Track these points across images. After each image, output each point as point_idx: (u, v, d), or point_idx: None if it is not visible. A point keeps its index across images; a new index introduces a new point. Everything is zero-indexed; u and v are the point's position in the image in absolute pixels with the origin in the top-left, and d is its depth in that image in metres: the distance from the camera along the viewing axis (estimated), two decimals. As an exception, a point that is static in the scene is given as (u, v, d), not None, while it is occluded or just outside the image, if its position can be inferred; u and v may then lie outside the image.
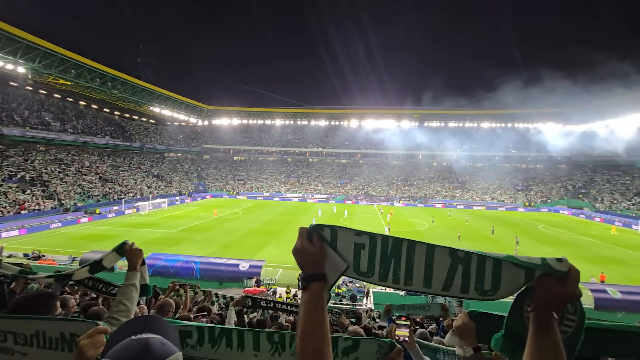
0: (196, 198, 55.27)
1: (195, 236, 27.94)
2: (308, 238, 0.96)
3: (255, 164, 72.58)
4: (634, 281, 18.51)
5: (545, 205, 54.11)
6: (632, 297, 15.18)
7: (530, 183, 61.07)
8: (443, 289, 0.95)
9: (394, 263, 0.97)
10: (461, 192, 60.24)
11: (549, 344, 0.84)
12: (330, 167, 71.96)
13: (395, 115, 69.49)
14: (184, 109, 64.58)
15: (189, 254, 20.52)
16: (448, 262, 0.94)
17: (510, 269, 0.91)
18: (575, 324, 0.93)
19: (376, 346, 1.37)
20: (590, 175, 58.47)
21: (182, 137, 72.45)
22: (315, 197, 59.80)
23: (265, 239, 27.16)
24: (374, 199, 58.33)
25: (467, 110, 67.80)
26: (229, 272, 17.65)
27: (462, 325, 1.41)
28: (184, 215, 38.49)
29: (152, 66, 65.90)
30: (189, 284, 5.27)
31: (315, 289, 0.92)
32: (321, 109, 72.74)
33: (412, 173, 67.24)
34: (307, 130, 75.37)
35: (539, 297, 0.88)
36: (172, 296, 5.03)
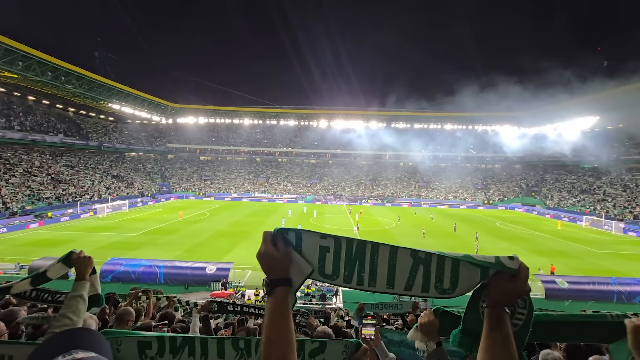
0: (160, 199, 53.05)
1: (158, 239, 26.82)
2: (272, 242, 0.94)
3: (223, 163, 70.91)
4: (579, 271, 20.21)
5: (502, 202, 57.57)
6: (578, 286, 16.56)
7: (488, 182, 64.67)
8: (405, 289, 0.98)
9: (359, 265, 0.98)
10: (426, 191, 62.55)
11: (501, 337, 0.89)
12: (300, 167, 71.90)
13: (364, 116, 70.72)
14: (147, 106, 61.63)
15: (153, 257, 19.69)
16: (410, 263, 0.97)
17: (467, 267, 0.96)
18: (525, 317, 1.02)
19: (342, 347, 1.36)
20: (542, 175, 63.01)
21: (145, 135, 69.17)
22: (285, 197, 59.51)
23: (233, 240, 26.64)
24: (343, 199, 59.05)
25: (431, 113, 70.39)
26: (195, 276, 17.13)
27: (426, 323, 1.46)
28: (146, 218, 36.80)
29: (111, 61, 61.92)
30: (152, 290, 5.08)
31: (280, 294, 0.91)
32: (290, 109, 72.22)
33: (379, 173, 68.80)
34: (277, 130, 74.72)
35: (492, 293, 0.95)
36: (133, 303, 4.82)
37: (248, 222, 34.98)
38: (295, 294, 0.97)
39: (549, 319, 1.23)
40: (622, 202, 42.13)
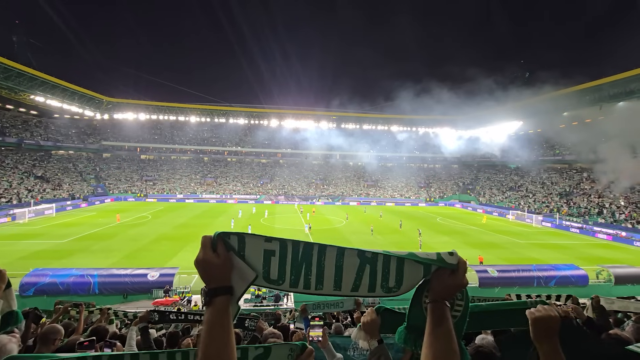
0: (94, 202, 48.45)
1: (92, 246, 24.50)
2: (212, 248, 0.88)
3: (167, 163, 66.87)
4: (506, 261, 22.47)
5: (442, 200, 61.99)
6: (505, 274, 18.42)
7: (430, 181, 69.16)
8: (352, 290, 0.98)
9: (305, 268, 0.96)
10: (374, 190, 65.03)
11: (443, 331, 0.93)
12: (250, 166, 70.44)
13: (314, 116, 71.38)
14: (78, 99, 55.70)
15: (85, 266, 17.96)
16: (357, 263, 0.97)
17: (411, 265, 0.99)
18: (463, 308, 1.08)
19: (288, 350, 1.36)
20: (476, 174, 69.00)
21: (75, 132, 62.53)
22: (235, 197, 57.90)
23: (178, 244, 25.25)
24: (295, 199, 59.08)
25: (378, 114, 73.33)
26: (135, 284, 15.95)
27: (369, 322, 1.47)
28: (77, 223, 33.38)
29: (34, 47, 54.67)
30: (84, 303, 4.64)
31: (219, 304, 0.85)
32: (240, 107, 70.26)
33: (330, 172, 69.99)
34: (225, 129, 72.27)
35: (434, 289, 0.99)
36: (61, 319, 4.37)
37: (195, 224, 33.41)
38: (238, 303, 0.93)
39: (478, 309, 1.32)
40: (541, 198, 47.69)
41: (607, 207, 37.52)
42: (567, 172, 50.75)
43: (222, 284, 0.87)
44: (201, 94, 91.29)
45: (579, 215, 38.37)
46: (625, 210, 35.49)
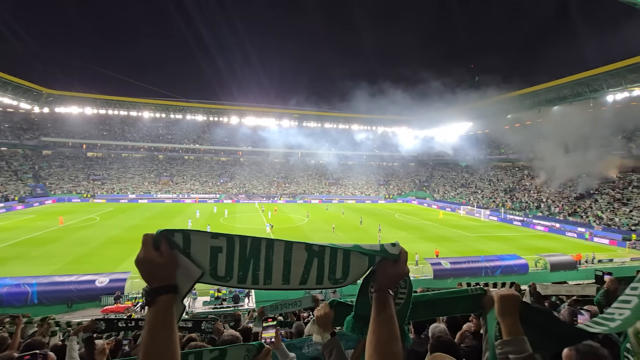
0: (32, 204, 44.05)
1: (30, 252, 22.32)
2: (154, 246, 0.86)
3: (118, 161, 62.59)
4: (458, 253, 23.88)
5: (400, 196, 64.45)
6: (457, 265, 19.63)
7: (389, 178, 71.56)
8: (300, 283, 1.00)
9: (253, 264, 0.96)
10: (336, 188, 65.95)
11: (386, 318, 0.96)
12: (209, 164, 68.16)
13: (276, 114, 70.69)
14: (11, 90, 50.08)
15: (22, 274, 16.34)
16: (305, 257, 0.99)
17: (357, 257, 1.03)
18: (406, 296, 1.14)
19: (244, 351, 1.39)
20: (431, 172, 72.55)
21: (9, 126, 56.34)
22: (192, 196, 55.73)
23: (130, 247, 23.74)
24: (256, 197, 58.16)
25: (339, 113, 74.23)
26: (81, 291, 14.81)
27: (322, 315, 1.49)
28: (11, 227, 30.20)
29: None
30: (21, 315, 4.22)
31: (163, 303, 0.82)
32: (198, 103, 67.21)
33: (291, 171, 69.78)
34: (183, 125, 69.01)
35: (379, 278, 1.03)
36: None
37: (149, 225, 31.64)
38: (183, 301, 0.91)
39: (425, 299, 1.38)
40: (488, 194, 51.32)
41: (544, 202, 41.30)
42: (510, 170, 55.06)
43: (165, 282, 0.85)
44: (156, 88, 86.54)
45: (521, 210, 41.84)
46: (559, 204, 39.30)
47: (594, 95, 39.73)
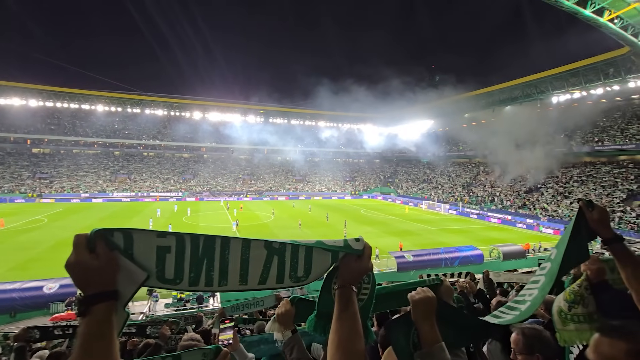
0: (-34, 205, 39.81)
1: (-35, 258, 20.20)
2: (88, 248, 0.76)
3: (68, 157, 58.12)
4: (420, 246, 24.84)
5: (365, 192, 65.84)
6: (419, 258, 20.42)
7: (355, 175, 72.82)
8: (259, 283, 0.94)
9: (207, 264, 0.88)
10: (302, 185, 65.97)
11: (349, 315, 0.94)
12: (171, 161, 65.38)
13: (241, 110, 69.01)
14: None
15: (-44, 284, 14.75)
16: (264, 255, 0.94)
17: (320, 253, 0.99)
18: (369, 291, 1.13)
19: (200, 355, 1.34)
20: (395, 168, 74.81)
21: None
22: (153, 195, 53.17)
23: (84, 249, 22.22)
24: (221, 195, 56.70)
25: (306, 110, 74.16)
26: (27, 299, 13.62)
27: (283, 313, 1.49)
28: (-58, 231, 27.13)
29: None
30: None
31: (99, 312, 0.72)
32: (158, 97, 63.79)
33: (258, 167, 68.80)
34: (141, 120, 65.38)
35: (342, 275, 1.01)
36: None
37: (104, 226, 29.71)
38: (126, 308, 0.83)
39: (386, 291, 1.43)
40: (448, 189, 53.89)
41: (497, 196, 44.15)
42: (468, 166, 58.17)
43: (103, 288, 0.75)
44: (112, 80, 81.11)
45: (477, 203, 44.41)
46: (510, 197, 42.20)
47: (541, 96, 43.06)
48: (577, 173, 39.53)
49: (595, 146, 38.70)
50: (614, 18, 20.36)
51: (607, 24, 20.74)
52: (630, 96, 39.64)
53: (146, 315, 12.50)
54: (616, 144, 36.82)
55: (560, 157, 39.03)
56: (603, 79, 34.52)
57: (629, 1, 17.82)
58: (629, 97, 39.76)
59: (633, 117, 39.32)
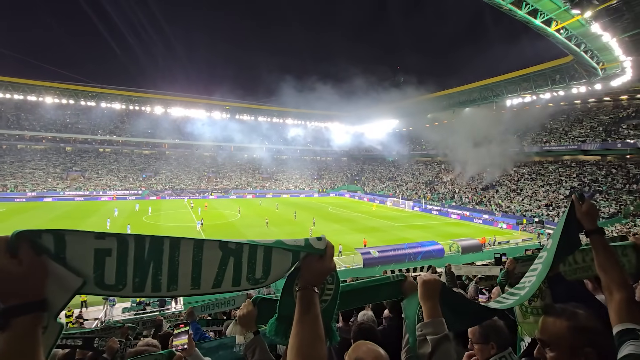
0: None
1: None
2: (10, 252, 0.66)
3: (12, 153, 53.20)
4: (385, 242, 25.53)
5: (333, 190, 66.51)
6: (384, 254, 20.98)
7: (323, 173, 73.28)
8: (214, 287, 0.89)
9: (154, 267, 0.82)
10: (270, 183, 65.32)
11: (310, 318, 0.91)
12: (129, 158, 61.98)
13: (206, 106, 66.71)
14: None
15: None
16: (219, 256, 0.89)
17: (279, 253, 0.95)
18: (333, 292, 1.10)
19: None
20: (361, 166, 76.22)
21: None
22: (109, 194, 50.13)
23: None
24: (185, 193, 54.67)
25: (273, 107, 73.18)
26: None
27: (245, 314, 1.44)
28: None
29: None
30: None
31: (21, 326, 0.63)
32: (116, 90, 59.65)
33: (224, 165, 67.12)
34: (97, 114, 60.90)
35: (304, 275, 0.97)
36: None
37: (54, 227, 27.63)
38: (58, 319, 0.74)
39: (350, 288, 1.41)
40: (412, 186, 55.81)
41: (457, 193, 46.43)
42: (430, 165, 60.58)
43: (27, 299, 0.65)
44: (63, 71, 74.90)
45: (438, 200, 46.42)
46: (468, 194, 44.55)
47: (497, 99, 45.78)
48: (528, 171, 42.51)
49: (544, 147, 41.83)
50: (560, 29, 22.05)
51: (554, 33, 22.43)
52: (573, 101, 43.25)
53: (101, 322, 11.80)
54: (561, 144, 40.05)
55: (513, 157, 41.76)
56: (550, 85, 37.39)
57: (574, 13, 19.37)
58: (572, 101, 43.35)
59: (575, 121, 42.98)
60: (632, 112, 37.37)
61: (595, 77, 30.83)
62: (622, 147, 33.27)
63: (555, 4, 19.15)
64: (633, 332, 1.05)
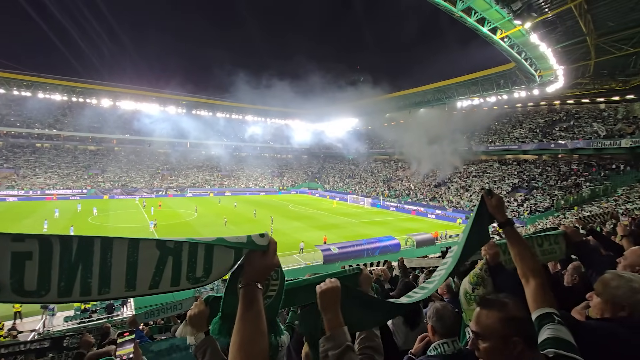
0: None
1: None
2: None
3: None
4: (345, 238, 25.94)
5: (294, 188, 66.40)
6: (344, 250, 21.38)
7: (283, 170, 72.84)
8: (151, 287, 0.86)
9: (83, 270, 0.77)
10: (229, 180, 63.63)
11: (253, 315, 0.91)
12: (72, 154, 57.04)
13: (160, 99, 62.54)
14: None
15: None
16: (156, 256, 0.86)
17: (221, 251, 0.94)
18: (278, 287, 1.10)
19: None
20: (322, 164, 76.85)
21: None
22: (49, 193, 45.78)
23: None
24: (138, 192, 51.49)
25: (233, 103, 71.08)
26: None
27: (195, 314, 1.40)
28: None
29: None
30: None
31: None
32: (56, 79, 53.51)
33: (179, 162, 64.20)
34: (33, 105, 54.36)
35: (247, 272, 0.97)
36: None
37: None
38: None
39: (306, 283, 1.41)
40: (370, 184, 57.38)
41: (412, 189, 48.55)
42: (388, 163, 62.65)
43: None
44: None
45: (395, 197, 48.20)
46: (423, 191, 46.78)
47: (448, 101, 48.52)
48: (476, 169, 45.57)
49: (489, 146, 45.08)
50: (505, 37, 23.88)
51: (499, 41, 24.24)
52: (515, 105, 47.01)
53: (39, 333, 10.78)
54: (504, 144, 43.42)
55: (463, 155, 44.52)
56: (496, 89, 40.37)
57: (516, 24, 21.05)
58: (514, 105, 47.09)
59: (516, 123, 46.78)
60: (564, 116, 41.49)
61: (533, 83, 33.80)
62: (554, 147, 36.87)
63: (500, 14, 20.66)
64: (550, 316, 1.15)
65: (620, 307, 1.26)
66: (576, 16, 19.92)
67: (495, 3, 19.41)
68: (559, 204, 29.64)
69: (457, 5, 20.51)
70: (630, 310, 1.23)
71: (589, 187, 30.74)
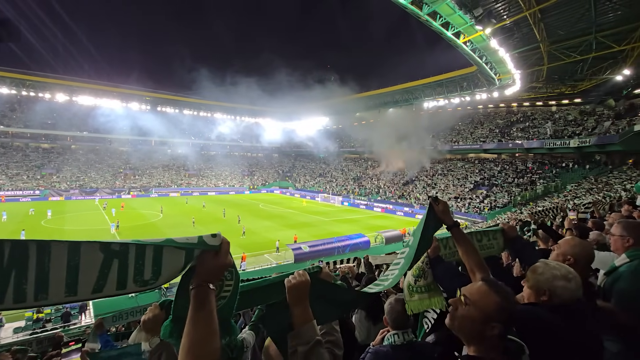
0: None
1: None
2: None
3: None
4: (316, 237, 26.07)
5: (264, 187, 65.73)
6: (315, 248, 21.52)
7: (253, 169, 71.86)
8: (94, 292, 0.83)
9: (16, 276, 0.74)
10: (197, 180, 61.83)
11: (204, 316, 0.89)
12: (23, 152, 52.94)
13: (122, 95, 59.12)
14: None
15: None
16: (100, 259, 0.83)
17: (171, 252, 0.91)
18: (232, 287, 1.09)
19: None
20: (293, 162, 76.65)
21: None
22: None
23: None
24: (98, 192, 48.69)
25: (200, 100, 68.62)
26: None
27: (150, 319, 1.38)
28: None
29: None
30: None
31: None
32: (1, 71, 48.59)
33: (143, 161, 61.45)
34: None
35: (199, 273, 0.95)
36: None
37: None
38: None
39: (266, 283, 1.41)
40: (341, 182, 58.00)
41: (382, 187, 49.67)
42: (358, 161, 63.63)
43: None
44: None
45: (365, 195, 49.09)
46: (392, 189, 47.99)
47: (416, 101, 50.04)
48: (441, 168, 47.41)
49: (454, 145, 47.05)
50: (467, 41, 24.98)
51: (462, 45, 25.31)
52: (477, 106, 49.37)
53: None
54: (467, 144, 45.52)
55: (429, 154, 46.15)
56: (459, 91, 42.18)
57: (477, 29, 22.08)
58: (476, 106, 49.45)
59: (478, 123, 49.17)
60: (520, 117, 44.14)
61: (493, 86, 35.67)
62: (512, 147, 39.18)
63: (463, 19, 21.59)
64: None
65: (542, 292, 1.40)
66: (531, 24, 21.27)
67: (459, 8, 20.24)
68: (516, 200, 31.55)
69: (423, 9, 21.17)
70: (550, 295, 1.37)
71: (542, 184, 33.00)
